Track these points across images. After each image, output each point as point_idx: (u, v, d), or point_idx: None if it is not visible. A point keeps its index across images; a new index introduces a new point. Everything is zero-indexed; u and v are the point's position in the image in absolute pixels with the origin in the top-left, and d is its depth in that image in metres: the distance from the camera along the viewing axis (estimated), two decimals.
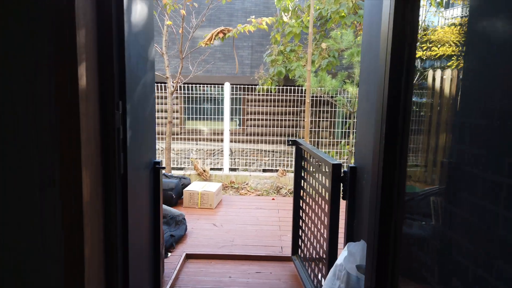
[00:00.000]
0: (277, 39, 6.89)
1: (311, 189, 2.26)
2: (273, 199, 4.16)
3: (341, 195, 1.79)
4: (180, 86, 6.18)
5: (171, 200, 3.68)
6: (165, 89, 5.96)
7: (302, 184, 2.49)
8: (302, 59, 6.69)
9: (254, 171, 5.94)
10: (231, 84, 5.89)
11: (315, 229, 2.13)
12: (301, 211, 2.56)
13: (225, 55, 9.03)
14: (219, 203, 3.92)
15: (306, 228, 2.38)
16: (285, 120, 7.34)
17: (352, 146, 5.27)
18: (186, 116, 8.43)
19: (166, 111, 5.19)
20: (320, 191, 2.04)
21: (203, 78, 8.44)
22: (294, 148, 2.55)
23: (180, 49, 4.55)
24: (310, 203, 2.28)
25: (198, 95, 6.76)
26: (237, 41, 9.04)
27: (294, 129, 7.77)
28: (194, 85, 6.16)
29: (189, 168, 5.84)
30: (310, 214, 2.29)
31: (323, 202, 1.98)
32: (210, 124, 8.12)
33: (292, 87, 6.17)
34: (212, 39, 5.26)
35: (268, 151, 7.93)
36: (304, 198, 2.45)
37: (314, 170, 2.18)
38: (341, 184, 1.76)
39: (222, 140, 6.34)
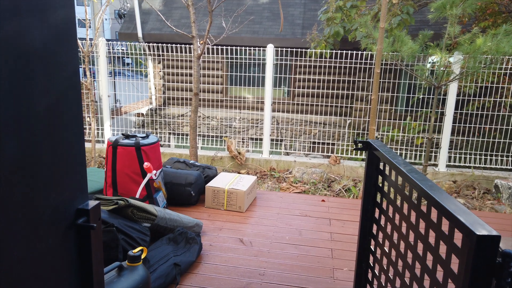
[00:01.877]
0: None
1: (395, 232, 1.32)
2: (323, 200, 3.23)
3: None
4: (222, 50, 5.27)
5: (189, 198, 2.90)
6: (190, 52, 5.09)
7: (378, 218, 1.55)
8: (365, 16, 5.43)
9: (299, 156, 4.99)
10: (276, 47, 4.86)
11: None
12: (372, 247, 1.63)
13: (274, 14, 7.90)
14: (252, 203, 3.08)
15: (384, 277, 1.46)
16: (339, 91, 6.22)
17: (437, 145, 4.10)
18: (229, 82, 7.57)
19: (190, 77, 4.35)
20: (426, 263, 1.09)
21: (247, 40, 7.46)
22: (365, 154, 1.58)
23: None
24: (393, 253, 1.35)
25: (240, 61, 5.83)
26: None
27: (349, 106, 6.65)
28: (236, 48, 5.22)
29: (221, 149, 5.02)
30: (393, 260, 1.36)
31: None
32: (255, 92, 7.25)
33: (349, 52, 5.02)
34: None
35: (318, 123, 6.92)
36: (380, 239, 1.52)
37: (407, 208, 1.22)
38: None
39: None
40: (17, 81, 0.67)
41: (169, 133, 7.82)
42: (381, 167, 1.52)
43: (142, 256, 1.48)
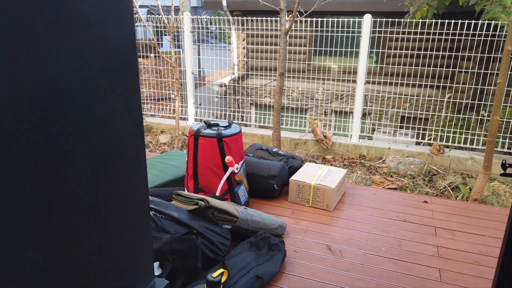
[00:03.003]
0: None
1: None
2: (425, 201, 2.80)
3: None
4: (308, 22, 4.88)
5: (271, 192, 2.71)
6: (276, 26, 4.75)
7: None
8: None
9: (394, 143, 4.47)
10: (374, 16, 4.31)
11: None
12: None
13: None
14: (340, 200, 2.79)
15: None
16: (438, 67, 5.41)
17: None
18: (313, 51, 7.17)
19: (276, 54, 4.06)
20: None
21: (335, 5, 6.87)
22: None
23: None
24: None
25: (327, 34, 5.36)
26: None
27: (448, 84, 5.78)
28: (324, 19, 4.78)
29: (303, 131, 4.73)
30: None
31: None
32: (341, 61, 6.75)
33: (459, 22, 4.23)
34: None
35: (410, 95, 6.21)
36: None
37: None
38: None
39: (354, 81, 4.96)
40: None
41: (251, 104, 7.74)
42: None
43: (222, 280, 1.32)
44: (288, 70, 6.72)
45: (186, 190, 2.50)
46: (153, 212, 1.80)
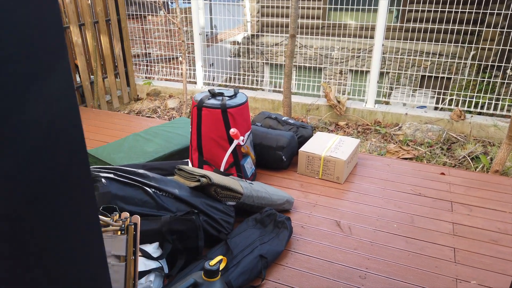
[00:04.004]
0: None
1: None
2: (442, 173, 2.68)
3: None
4: None
5: (280, 163, 2.63)
6: None
7: None
8: None
9: (412, 109, 4.28)
10: None
11: None
12: None
13: None
14: (352, 171, 2.69)
15: None
16: (463, 26, 5.04)
17: None
18: (328, 5, 6.83)
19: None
20: None
21: None
22: None
23: None
24: None
25: None
26: None
27: (476, 33, 5.43)
28: None
29: (317, 96, 4.55)
30: None
31: None
32: (358, 17, 6.42)
33: None
34: None
35: (432, 53, 5.90)
36: None
37: None
38: None
39: (372, 37, 4.71)
40: None
41: (263, 63, 7.54)
42: None
43: (221, 267, 1.27)
44: (302, 27, 6.41)
45: (190, 162, 2.43)
46: (153, 190, 1.74)
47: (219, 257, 1.29)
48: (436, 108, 4.61)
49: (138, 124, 3.57)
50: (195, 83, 5.21)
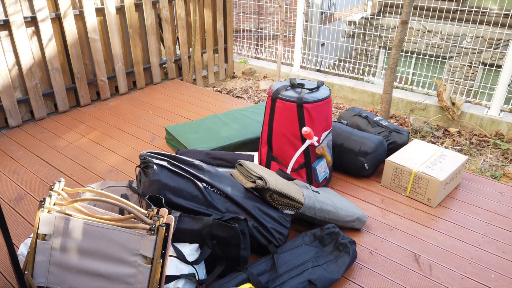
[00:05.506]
0: None
1: None
2: None
3: None
4: None
5: (361, 171, 2.32)
6: None
7: None
8: None
9: None
10: None
11: None
12: None
13: None
14: (450, 194, 2.24)
15: None
16: None
17: None
18: None
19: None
20: None
21: None
22: None
23: None
24: None
25: None
26: None
27: None
28: None
29: (428, 95, 3.95)
30: None
31: None
32: (504, 2, 5.43)
33: None
34: None
35: None
36: None
37: None
38: None
39: None
40: None
41: (379, 47, 6.96)
42: None
43: None
44: (432, 10, 5.65)
45: (258, 156, 2.28)
46: (204, 184, 1.64)
47: (247, 286, 1.12)
48: None
49: (225, 104, 3.54)
50: (292, 65, 5.00)
